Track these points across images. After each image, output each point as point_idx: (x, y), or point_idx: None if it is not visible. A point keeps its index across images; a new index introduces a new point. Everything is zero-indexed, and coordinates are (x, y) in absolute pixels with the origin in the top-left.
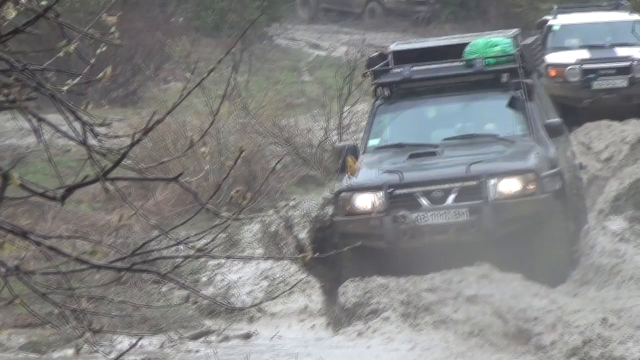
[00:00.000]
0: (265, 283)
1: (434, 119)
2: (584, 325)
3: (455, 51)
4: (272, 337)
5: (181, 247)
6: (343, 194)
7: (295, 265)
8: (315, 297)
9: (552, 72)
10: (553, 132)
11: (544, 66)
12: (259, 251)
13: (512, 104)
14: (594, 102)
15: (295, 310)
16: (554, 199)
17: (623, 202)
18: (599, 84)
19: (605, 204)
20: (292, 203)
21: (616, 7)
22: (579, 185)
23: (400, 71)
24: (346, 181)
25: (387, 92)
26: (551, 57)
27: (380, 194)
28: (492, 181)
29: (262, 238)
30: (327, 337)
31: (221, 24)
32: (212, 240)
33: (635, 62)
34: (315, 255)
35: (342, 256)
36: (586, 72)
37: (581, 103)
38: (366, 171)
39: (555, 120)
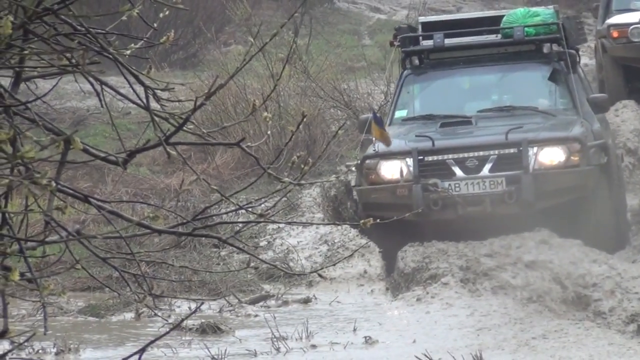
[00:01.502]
0: (324, 248)
1: (467, 91)
2: None
3: (491, 24)
4: (330, 302)
5: (242, 211)
6: (368, 161)
7: (354, 230)
8: (374, 262)
9: (615, 34)
10: (598, 107)
11: (606, 28)
12: (318, 215)
13: (554, 76)
14: None
15: (354, 275)
16: (600, 173)
17: None
18: None
19: None
20: (352, 167)
21: None
22: (619, 164)
23: (432, 40)
24: (372, 148)
25: (416, 62)
26: (614, 19)
27: (409, 160)
28: (533, 150)
29: (322, 202)
30: (386, 302)
31: None
32: (274, 205)
33: None
34: (376, 221)
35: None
36: None
37: None
38: (393, 140)
39: (601, 95)
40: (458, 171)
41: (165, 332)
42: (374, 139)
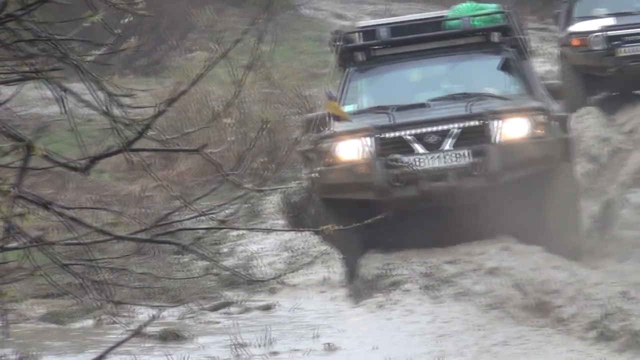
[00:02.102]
0: (286, 254)
1: (416, 82)
2: (604, 299)
3: (434, 28)
4: (292, 309)
5: (203, 218)
6: (324, 142)
7: (316, 237)
8: (336, 269)
9: (576, 42)
10: (555, 94)
11: (567, 35)
12: (281, 222)
13: (505, 63)
14: (619, 71)
15: (316, 281)
16: (564, 145)
17: None
18: (624, 51)
19: (627, 176)
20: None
21: None
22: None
23: (380, 33)
24: (330, 126)
25: (363, 57)
26: (575, 27)
27: (368, 139)
28: (498, 122)
29: (284, 209)
30: (348, 308)
31: None
32: (235, 212)
33: None
34: (338, 227)
35: (318, 214)
36: (610, 39)
37: (606, 72)
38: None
39: (557, 82)
40: (419, 147)
41: (125, 338)
42: (331, 117)
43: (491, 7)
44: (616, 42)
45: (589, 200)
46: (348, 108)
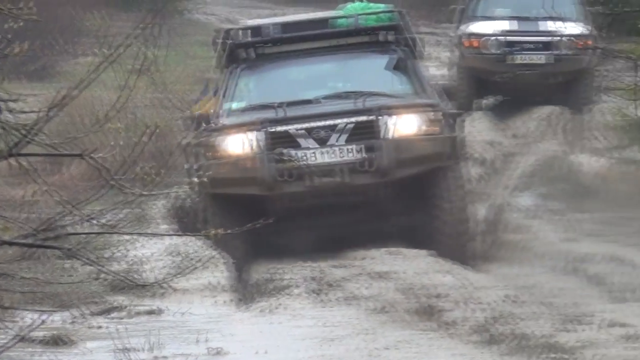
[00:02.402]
0: (173, 259)
1: (305, 80)
2: (490, 302)
3: (323, 27)
4: (179, 313)
5: (90, 222)
6: (210, 137)
7: (203, 241)
8: (222, 273)
9: (470, 43)
10: (447, 95)
11: (461, 35)
12: (168, 227)
13: (396, 63)
14: (510, 78)
15: (203, 286)
16: (455, 143)
17: (533, 178)
18: (517, 59)
19: (514, 180)
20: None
21: None
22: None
23: (268, 31)
24: (214, 121)
25: (251, 54)
26: (473, 27)
27: (256, 133)
28: (390, 118)
29: (171, 213)
30: (235, 313)
31: None
32: (121, 216)
33: (560, 39)
34: (225, 231)
35: (205, 211)
36: (506, 44)
37: (498, 77)
38: (236, 115)
39: (449, 82)
40: (308, 142)
41: (9, 343)
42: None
43: (379, 7)
44: (510, 48)
45: (478, 203)
46: (236, 105)
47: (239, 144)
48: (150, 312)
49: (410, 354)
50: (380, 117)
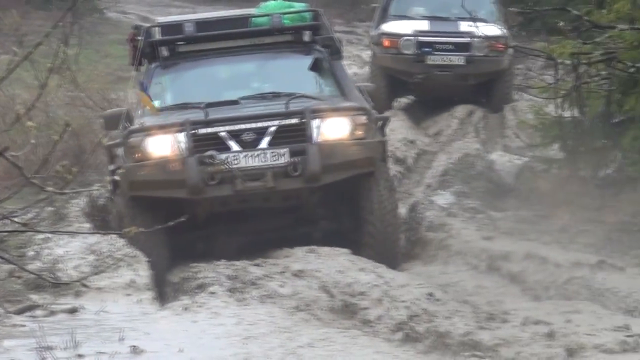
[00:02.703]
0: (92, 257)
1: (224, 80)
2: (410, 300)
3: (242, 25)
4: (98, 312)
5: (7, 221)
6: (133, 137)
7: (122, 240)
8: (142, 272)
9: (386, 42)
10: (372, 97)
11: (378, 35)
12: (86, 225)
13: (317, 63)
14: (427, 78)
15: (122, 284)
16: (383, 147)
17: (451, 177)
18: (433, 59)
19: (433, 179)
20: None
21: None
22: None
23: (184, 28)
24: (138, 121)
25: (165, 53)
26: (388, 26)
27: (181, 135)
28: (318, 120)
29: (90, 212)
30: (154, 311)
31: None
32: (37, 214)
33: (475, 40)
34: (141, 230)
35: (124, 214)
36: (421, 44)
37: (413, 78)
38: (155, 118)
39: (370, 84)
40: (234, 145)
41: None
42: (141, 109)
43: (300, 5)
44: (426, 49)
45: (399, 202)
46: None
47: (163, 146)
48: (70, 311)
49: (330, 352)
50: (307, 120)
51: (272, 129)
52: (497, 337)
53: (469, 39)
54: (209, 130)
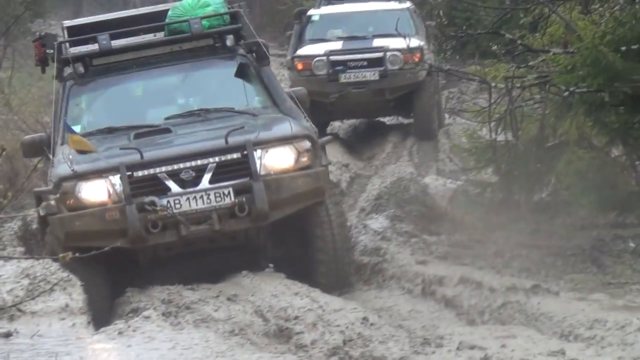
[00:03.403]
0: (26, 281)
1: (145, 97)
2: (345, 325)
3: (152, 22)
4: (32, 336)
5: None
6: (65, 184)
7: (56, 264)
8: (76, 296)
9: (299, 66)
10: (302, 102)
11: (291, 59)
12: (20, 249)
13: (243, 71)
14: (342, 97)
15: (56, 308)
16: (327, 172)
17: (385, 201)
18: (347, 77)
19: (367, 203)
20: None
21: None
22: None
23: (98, 42)
24: (67, 166)
25: (80, 69)
26: (302, 50)
27: (115, 178)
28: (260, 152)
29: (24, 236)
30: (88, 335)
31: None
32: None
33: (388, 54)
34: (75, 256)
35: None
36: (334, 64)
37: (329, 98)
38: (83, 157)
39: (300, 88)
40: (173, 185)
41: None
42: (70, 152)
43: (216, 2)
44: (339, 67)
45: None
46: (74, 129)
47: (98, 192)
48: (4, 335)
49: None
50: (249, 155)
51: (212, 165)
52: None
53: (381, 53)
54: (146, 172)
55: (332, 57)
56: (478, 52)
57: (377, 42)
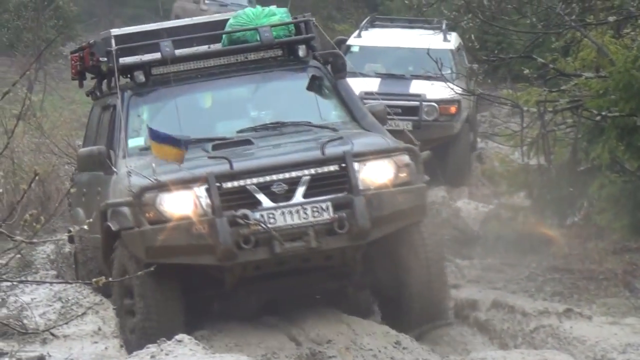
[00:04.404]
0: (58, 305)
1: (214, 109)
2: (378, 348)
3: (211, 32)
4: (65, 359)
5: None
6: (147, 195)
7: (88, 287)
8: (108, 319)
9: None
10: (380, 119)
11: None
12: (52, 273)
13: (318, 83)
14: None
15: (89, 332)
16: (427, 190)
17: None
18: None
19: None
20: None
21: (440, 28)
22: None
23: (160, 49)
24: (146, 176)
25: (141, 78)
26: None
27: (201, 190)
28: (357, 165)
29: (56, 259)
30: (120, 359)
31: (16, 43)
32: (7, 263)
33: (424, 104)
34: (108, 280)
35: (135, 285)
36: None
37: None
38: (163, 167)
39: (380, 103)
40: (264, 198)
41: None
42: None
43: (280, 11)
44: None
45: None
46: (136, 142)
47: (184, 204)
48: (37, 359)
49: None
50: (349, 167)
51: (307, 177)
52: None
53: (417, 102)
54: (236, 184)
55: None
56: (510, 76)
57: (415, 87)
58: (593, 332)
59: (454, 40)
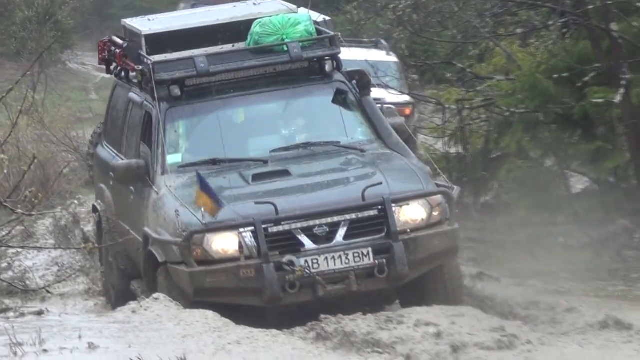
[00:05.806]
0: (55, 268)
1: (246, 125)
2: None
3: (232, 32)
4: (60, 314)
5: None
6: (196, 236)
7: (81, 254)
8: (97, 280)
9: None
10: (401, 133)
11: None
12: (51, 242)
13: (343, 99)
14: None
15: (81, 291)
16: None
17: None
18: None
19: None
20: (77, 202)
21: (375, 45)
22: None
23: (195, 64)
24: (200, 217)
25: (177, 91)
26: None
27: (246, 232)
28: (397, 208)
29: (54, 231)
30: (107, 314)
31: (22, 51)
32: (9, 232)
33: (385, 106)
34: (96, 246)
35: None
36: None
37: None
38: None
39: (399, 118)
40: (306, 241)
41: None
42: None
43: (304, 19)
44: None
45: None
46: (174, 159)
47: (227, 245)
48: (37, 313)
49: (254, 348)
50: (388, 213)
51: (347, 221)
52: (394, 336)
53: (379, 105)
54: (281, 228)
55: None
56: (435, 78)
57: (375, 92)
58: (501, 291)
59: (393, 55)
